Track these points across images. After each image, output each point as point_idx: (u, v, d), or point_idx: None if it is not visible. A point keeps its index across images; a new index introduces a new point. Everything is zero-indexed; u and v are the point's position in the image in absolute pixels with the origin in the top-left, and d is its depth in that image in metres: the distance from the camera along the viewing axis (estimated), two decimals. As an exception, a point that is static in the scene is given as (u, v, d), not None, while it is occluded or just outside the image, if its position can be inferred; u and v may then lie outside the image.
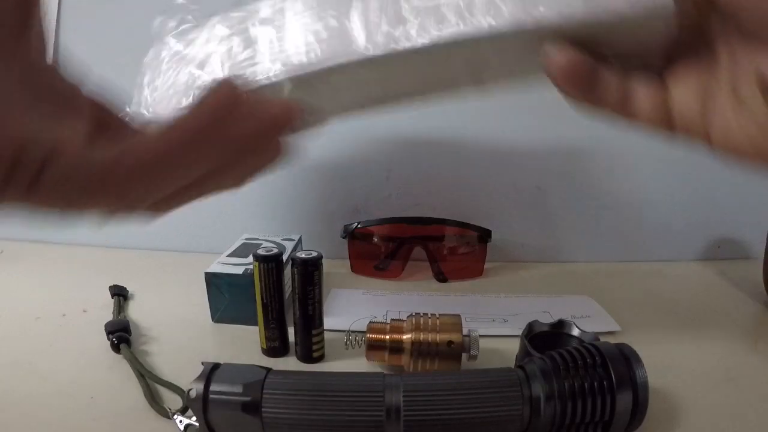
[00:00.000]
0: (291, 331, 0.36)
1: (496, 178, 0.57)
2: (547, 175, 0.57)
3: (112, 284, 0.45)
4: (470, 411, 0.24)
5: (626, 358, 0.25)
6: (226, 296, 0.40)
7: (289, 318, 0.36)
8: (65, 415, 0.29)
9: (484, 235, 0.54)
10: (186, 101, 0.21)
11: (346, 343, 0.34)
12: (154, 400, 0.29)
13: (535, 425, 0.25)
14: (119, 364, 0.34)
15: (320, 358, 0.36)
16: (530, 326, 0.34)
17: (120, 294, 0.44)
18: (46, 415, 0.29)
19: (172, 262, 0.56)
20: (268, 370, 0.26)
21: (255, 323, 0.36)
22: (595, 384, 0.24)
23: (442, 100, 0.24)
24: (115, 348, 0.35)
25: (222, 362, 0.27)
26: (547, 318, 0.36)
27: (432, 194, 0.58)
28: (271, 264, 0.34)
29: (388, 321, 0.34)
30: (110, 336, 0.36)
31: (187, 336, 0.39)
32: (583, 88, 0.20)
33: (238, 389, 0.25)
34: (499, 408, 0.24)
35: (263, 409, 0.25)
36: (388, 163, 0.57)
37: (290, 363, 0.36)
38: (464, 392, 0.25)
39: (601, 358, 0.25)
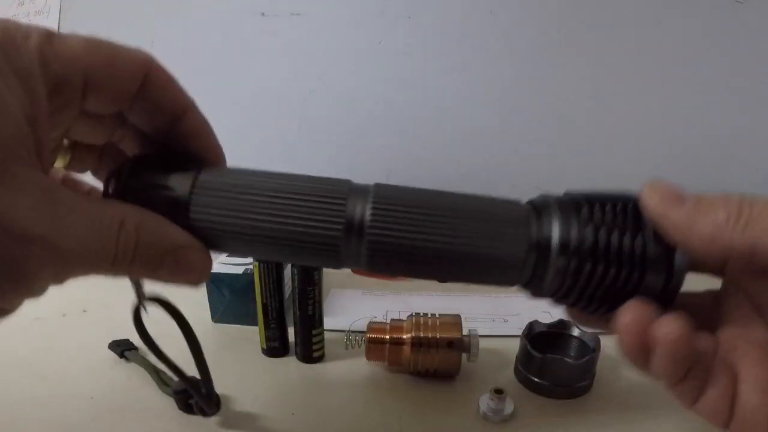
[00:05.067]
0: (291, 331, 0.36)
1: (496, 178, 0.58)
2: (547, 175, 0.57)
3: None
4: (458, 241, 0.18)
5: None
6: (226, 296, 0.40)
7: (289, 318, 0.36)
8: (65, 415, 0.29)
9: (484, 235, 0.53)
10: None
11: (346, 343, 0.34)
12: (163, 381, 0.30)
13: (538, 278, 0.19)
14: (119, 364, 0.34)
15: (320, 358, 0.36)
16: (530, 326, 0.34)
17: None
18: (46, 415, 0.29)
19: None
20: (202, 165, 0.19)
21: (255, 323, 0.36)
22: (626, 244, 0.18)
23: None
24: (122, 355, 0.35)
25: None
26: (547, 318, 0.36)
27: (432, 194, 0.58)
28: (271, 264, 0.34)
29: (388, 321, 0.34)
30: (116, 347, 0.35)
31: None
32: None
33: (164, 182, 0.19)
34: (496, 245, 0.18)
35: (192, 210, 0.18)
36: (388, 163, 0.57)
37: (290, 363, 0.36)
38: (454, 217, 0.18)
39: (635, 213, 0.19)
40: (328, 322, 0.37)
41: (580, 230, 0.18)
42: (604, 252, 0.18)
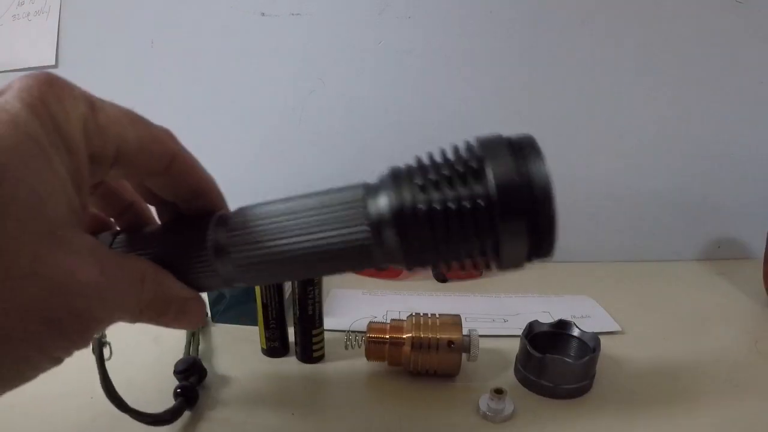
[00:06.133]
0: (291, 331, 0.36)
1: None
2: (547, 175, 0.57)
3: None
4: (304, 239, 0.19)
5: (519, 158, 0.18)
6: (226, 296, 0.40)
7: (289, 318, 0.36)
8: (65, 415, 0.29)
9: (484, 235, 0.53)
10: None
11: (346, 343, 0.34)
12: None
13: (393, 250, 0.18)
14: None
15: (320, 358, 0.36)
16: (530, 326, 0.34)
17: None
18: (46, 415, 0.29)
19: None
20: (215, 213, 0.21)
21: (255, 323, 0.36)
22: (463, 198, 0.17)
23: None
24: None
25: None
26: (547, 318, 0.36)
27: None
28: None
29: (388, 321, 0.34)
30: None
31: (187, 336, 0.39)
32: None
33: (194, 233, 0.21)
34: (337, 231, 0.19)
35: (232, 252, 0.20)
36: (388, 162, 0.57)
37: (290, 363, 0.36)
38: (299, 216, 0.19)
39: (478, 161, 0.18)
40: (328, 322, 0.37)
41: (412, 193, 0.18)
42: (441, 205, 0.17)
